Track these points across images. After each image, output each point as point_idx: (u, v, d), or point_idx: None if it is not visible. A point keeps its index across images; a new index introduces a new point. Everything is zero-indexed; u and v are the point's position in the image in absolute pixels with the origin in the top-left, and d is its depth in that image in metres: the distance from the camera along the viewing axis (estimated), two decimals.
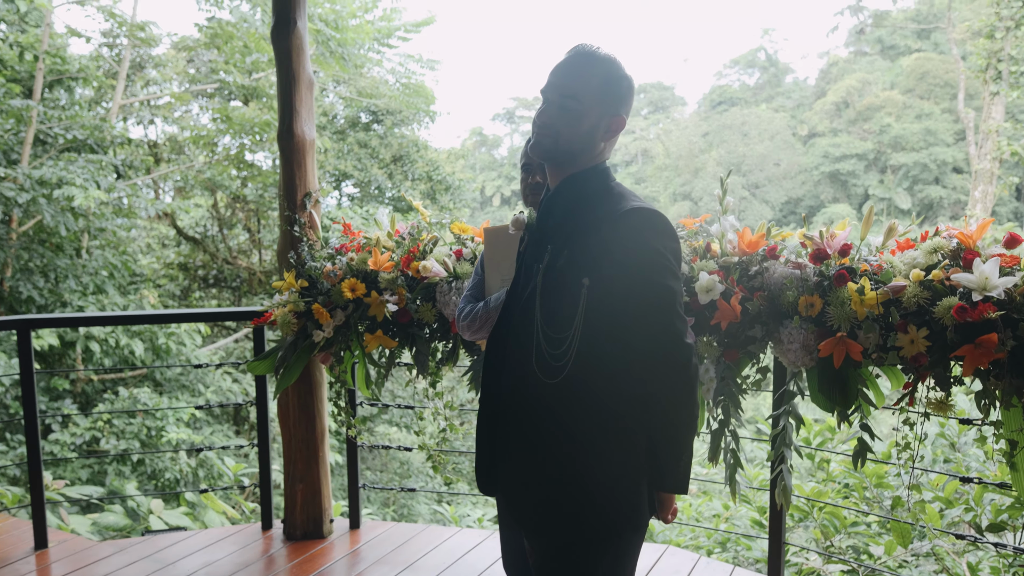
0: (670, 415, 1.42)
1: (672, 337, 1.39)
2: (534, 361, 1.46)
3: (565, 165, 1.53)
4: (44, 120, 8.04)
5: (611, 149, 1.59)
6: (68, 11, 10.41)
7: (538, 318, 1.47)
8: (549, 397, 1.45)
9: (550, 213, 1.55)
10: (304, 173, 2.98)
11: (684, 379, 1.41)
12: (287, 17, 2.89)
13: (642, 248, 1.40)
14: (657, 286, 1.39)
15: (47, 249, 8.00)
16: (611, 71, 1.51)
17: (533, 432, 1.48)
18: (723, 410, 2.36)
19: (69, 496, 4.02)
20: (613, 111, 1.51)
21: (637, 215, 1.41)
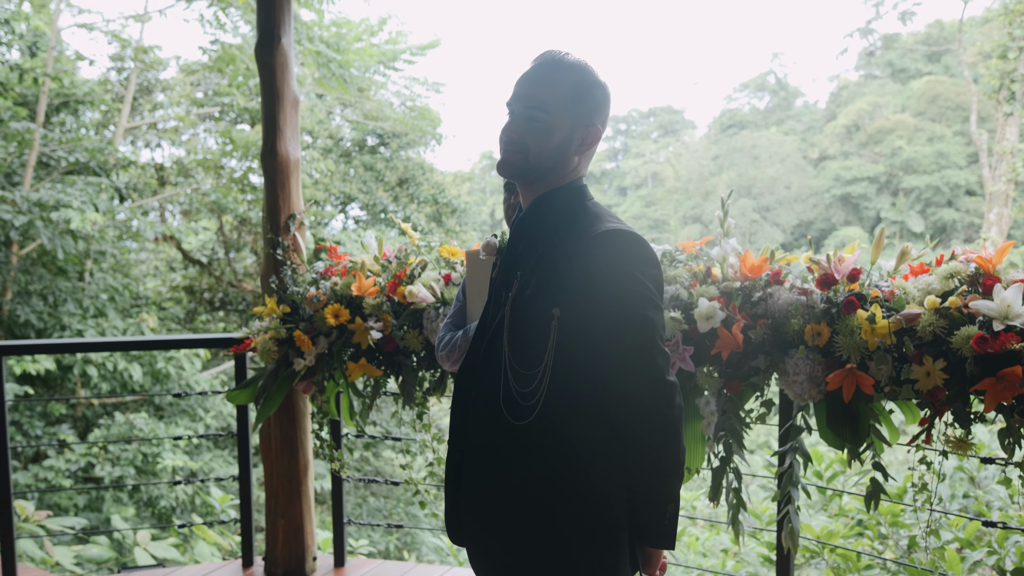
0: (653, 462, 1.27)
1: (652, 374, 1.24)
2: (501, 400, 1.31)
3: (536, 183, 1.39)
4: (47, 143, 8.01)
5: (587, 163, 1.45)
6: (73, 34, 10.44)
7: (506, 352, 1.32)
8: (517, 440, 1.30)
9: (521, 236, 1.41)
10: (288, 194, 2.86)
11: (667, 422, 1.26)
12: (271, 33, 2.80)
13: (617, 275, 1.26)
14: (634, 317, 1.25)
15: (49, 272, 7.94)
16: (582, 78, 1.37)
17: (499, 480, 1.33)
18: (724, 446, 2.20)
19: (50, 528, 3.88)
20: (587, 121, 1.38)
21: (611, 238, 1.27)
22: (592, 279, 1.26)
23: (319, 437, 2.75)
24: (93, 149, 8.04)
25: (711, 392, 2.25)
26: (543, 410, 1.28)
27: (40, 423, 7.28)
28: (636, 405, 1.25)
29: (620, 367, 1.25)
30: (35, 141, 7.66)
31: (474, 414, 1.37)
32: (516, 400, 1.30)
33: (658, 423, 1.26)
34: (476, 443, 1.37)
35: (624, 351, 1.25)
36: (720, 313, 2.18)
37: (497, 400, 1.32)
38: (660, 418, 1.25)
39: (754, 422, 2.23)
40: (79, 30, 10.37)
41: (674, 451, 1.27)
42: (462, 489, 1.39)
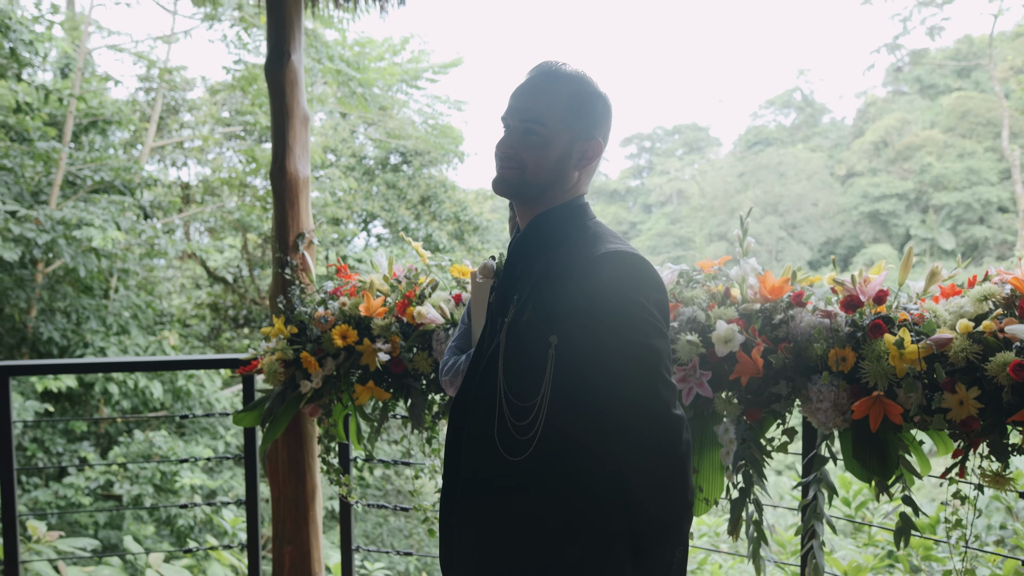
0: (659, 504, 1.17)
1: (657, 408, 1.15)
2: (496, 433, 1.22)
3: (534, 201, 1.31)
4: (73, 162, 8.10)
5: (588, 179, 1.37)
6: (101, 55, 10.65)
7: (501, 382, 1.23)
8: (511, 477, 1.21)
9: (518, 257, 1.33)
10: (297, 213, 2.81)
11: (674, 460, 1.16)
12: (281, 50, 2.76)
13: (618, 300, 1.17)
14: (637, 346, 1.16)
15: (75, 290, 8.01)
16: (580, 89, 1.30)
17: (492, 519, 1.24)
18: (744, 477, 2.09)
19: (61, 549, 3.84)
20: (586, 135, 1.30)
21: (611, 260, 1.18)
22: (591, 304, 1.17)
23: (326, 462, 2.68)
24: (118, 168, 8.13)
25: (730, 419, 2.15)
26: (540, 445, 1.19)
27: (62, 440, 7.30)
28: (640, 442, 1.16)
29: (622, 400, 1.16)
30: (61, 160, 7.75)
31: (468, 446, 1.29)
32: (511, 434, 1.21)
33: (664, 461, 1.16)
34: (469, 478, 1.28)
35: (626, 383, 1.16)
36: (739, 336, 2.08)
37: (492, 433, 1.24)
38: (666, 456, 1.16)
39: (775, 451, 2.12)
40: (108, 51, 10.54)
41: (682, 491, 1.18)
42: (454, 525, 1.30)
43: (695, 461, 2.21)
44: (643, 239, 37.98)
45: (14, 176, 7.27)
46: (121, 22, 18.36)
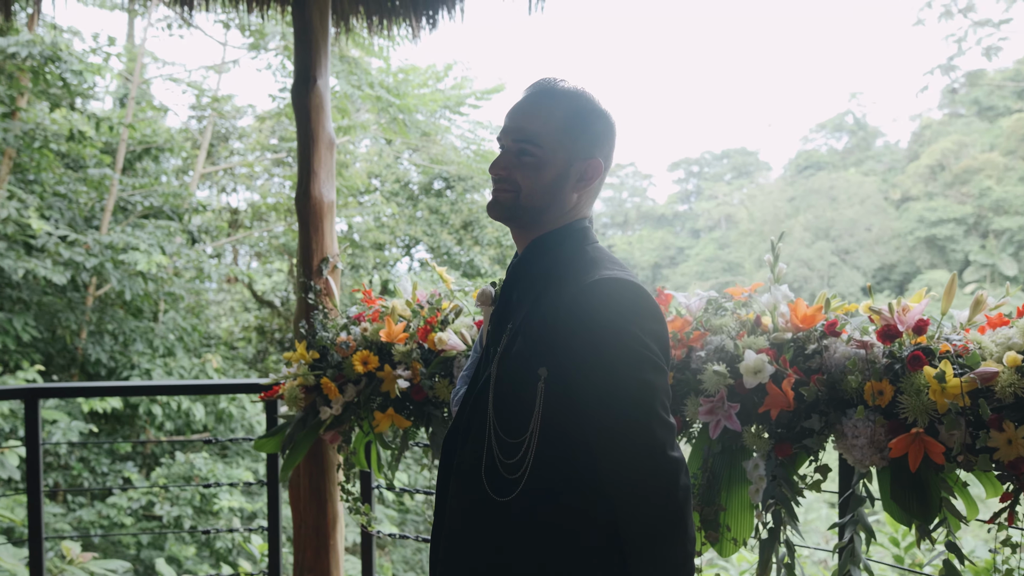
0: (653, 555, 1.07)
1: (651, 449, 1.06)
2: (483, 471, 1.15)
3: (530, 225, 1.24)
4: (125, 188, 8.33)
5: (589, 201, 1.29)
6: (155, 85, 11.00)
7: (491, 416, 1.16)
8: (497, 519, 1.13)
9: (514, 284, 1.25)
10: (321, 237, 2.80)
11: (669, 506, 1.07)
12: (307, 75, 2.77)
13: (610, 331, 1.08)
14: (630, 381, 1.07)
15: (124, 313, 8.20)
16: (577, 106, 1.23)
17: (476, 565, 1.16)
18: (774, 516, 1.97)
19: (94, 571, 3.86)
20: (585, 154, 1.23)
21: (604, 287, 1.10)
22: (581, 335, 1.09)
23: (344, 490, 2.63)
24: (167, 194, 8.32)
25: (760, 454, 2.04)
26: (527, 486, 1.11)
27: (107, 460, 7.43)
28: (632, 486, 1.07)
29: (614, 440, 1.07)
30: (113, 187, 7.97)
31: (455, 483, 1.22)
32: (500, 472, 1.14)
33: (659, 508, 1.07)
34: (453, 523, 1.20)
35: (618, 421, 1.07)
36: (769, 367, 1.98)
37: (479, 470, 1.16)
38: (662, 501, 1.07)
39: (808, 489, 2.00)
40: (162, 81, 10.89)
41: (679, 541, 1.08)
42: (440, 561, 1.22)
43: (723, 498, 2.10)
44: (691, 264, 37.56)
45: (68, 202, 7.49)
46: (175, 53, 19.13)
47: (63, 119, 7.19)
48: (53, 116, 7.49)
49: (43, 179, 7.59)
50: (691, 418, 2.13)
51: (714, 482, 2.11)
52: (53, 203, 7.46)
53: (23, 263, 6.39)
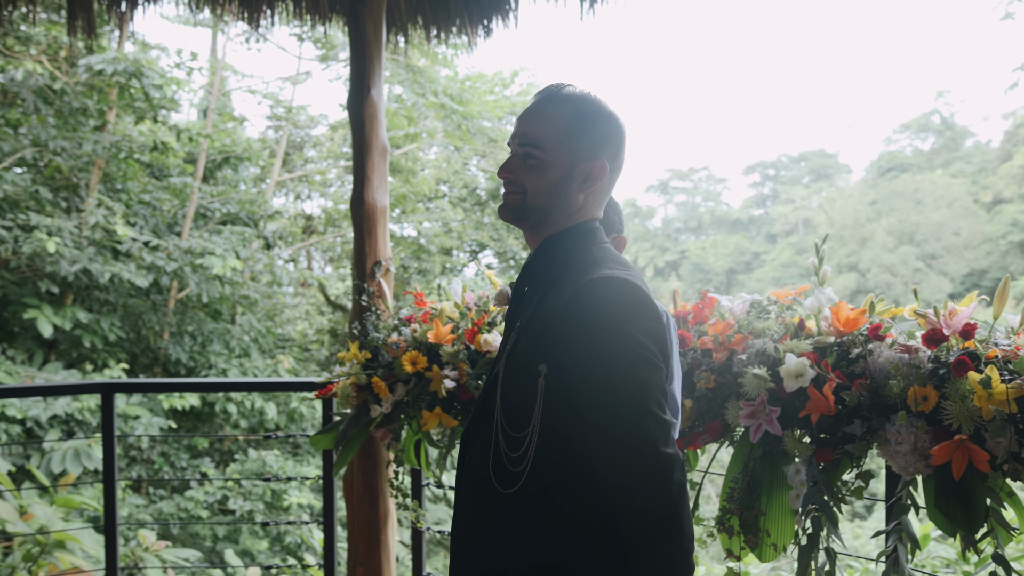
0: (651, 549, 1.08)
1: (643, 445, 1.07)
2: (491, 464, 1.19)
3: (538, 226, 1.28)
4: (204, 196, 8.73)
5: (598, 201, 1.31)
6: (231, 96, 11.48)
7: (498, 411, 1.20)
8: (503, 510, 1.17)
9: (524, 284, 1.30)
10: (374, 241, 2.90)
11: (663, 501, 1.08)
12: (362, 85, 2.87)
13: (604, 329, 1.11)
14: (623, 378, 1.09)
15: (204, 315, 8.58)
16: (581, 109, 1.26)
17: (483, 553, 1.20)
18: (813, 522, 1.94)
19: (165, 558, 4.07)
20: (589, 155, 1.26)
21: (600, 286, 1.13)
22: (577, 333, 1.12)
23: (393, 486, 2.70)
24: (244, 201, 8.67)
25: (801, 459, 2.01)
26: (529, 479, 1.14)
27: (186, 456, 7.78)
28: (625, 482, 1.08)
29: (607, 435, 1.09)
30: (193, 195, 8.36)
31: (466, 474, 1.26)
32: (505, 464, 1.18)
33: (653, 502, 1.08)
34: (462, 510, 1.25)
35: (611, 417, 1.09)
36: (810, 371, 1.95)
37: (487, 463, 1.20)
38: (655, 496, 1.08)
39: (850, 495, 1.96)
40: (241, 92, 11.35)
41: (675, 537, 1.09)
42: (454, 559, 1.27)
43: (763, 503, 2.08)
44: (767, 270, 36.68)
45: (152, 209, 7.90)
46: (255, 65, 19.88)
47: (148, 131, 7.60)
48: (140, 128, 7.92)
49: (129, 188, 8.03)
50: (732, 422, 2.12)
51: (754, 486, 2.10)
52: (138, 210, 7.88)
53: (109, 267, 6.77)
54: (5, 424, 5.66)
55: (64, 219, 7.03)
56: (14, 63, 6.79)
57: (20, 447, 5.82)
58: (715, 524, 2.13)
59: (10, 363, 6.42)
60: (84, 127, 7.38)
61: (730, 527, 2.09)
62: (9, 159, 7.25)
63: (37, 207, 7.23)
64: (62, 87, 6.94)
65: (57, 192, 7.68)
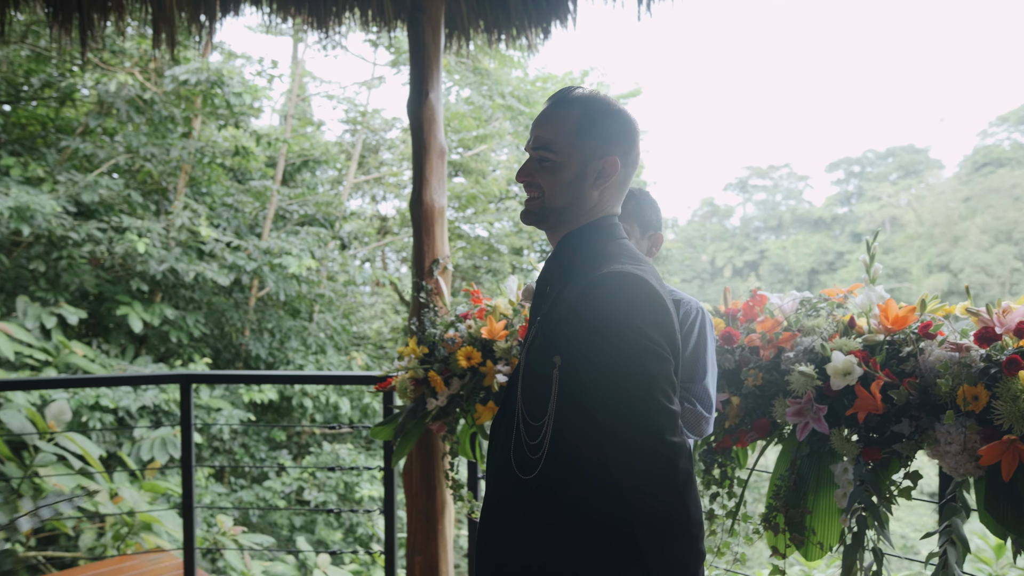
0: (658, 535, 1.12)
1: (649, 434, 1.11)
2: (512, 452, 1.25)
3: (557, 225, 1.33)
4: (284, 198, 9.08)
5: (614, 197, 1.35)
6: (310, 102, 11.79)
7: (519, 401, 1.26)
8: (523, 497, 1.22)
9: (546, 279, 1.35)
10: (432, 240, 2.99)
11: (669, 489, 1.11)
12: (420, 89, 2.97)
13: (612, 322, 1.15)
14: (629, 370, 1.13)
15: (283, 313, 8.93)
16: (589, 109, 1.31)
17: (503, 538, 1.25)
18: (858, 521, 1.92)
19: (241, 543, 4.28)
20: (600, 152, 1.30)
21: (609, 280, 1.17)
22: (586, 326, 1.17)
23: (448, 477, 2.79)
24: (320, 203, 8.96)
25: (849, 458, 1.99)
26: (545, 466, 1.20)
27: (264, 447, 8.10)
28: (632, 470, 1.12)
29: (615, 424, 1.13)
30: (273, 197, 8.70)
31: (492, 464, 1.32)
32: (525, 452, 1.23)
33: (658, 490, 1.11)
34: (489, 496, 1.31)
35: (618, 407, 1.13)
36: (857, 369, 1.94)
37: (509, 450, 1.26)
38: (660, 484, 1.11)
39: (898, 495, 1.93)
40: (319, 98, 11.73)
41: (681, 523, 1.12)
42: (478, 544, 1.33)
43: (809, 501, 2.06)
44: (850, 270, 35.45)
45: (234, 212, 8.26)
46: (333, 72, 20.38)
47: (230, 137, 7.97)
48: (223, 134, 8.30)
49: (213, 191, 8.42)
50: (779, 419, 2.11)
51: (801, 485, 2.08)
52: (221, 212, 8.26)
53: (194, 266, 7.13)
54: (100, 413, 6.04)
55: (153, 221, 7.44)
56: (109, 75, 7.23)
57: (113, 435, 6.20)
58: (761, 521, 2.13)
59: (104, 356, 6.84)
60: (172, 134, 7.80)
61: (775, 525, 2.09)
62: (105, 164, 7.72)
63: (129, 210, 7.67)
64: (151, 97, 7.35)
65: (147, 196, 8.13)
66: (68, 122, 8.22)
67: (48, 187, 7.08)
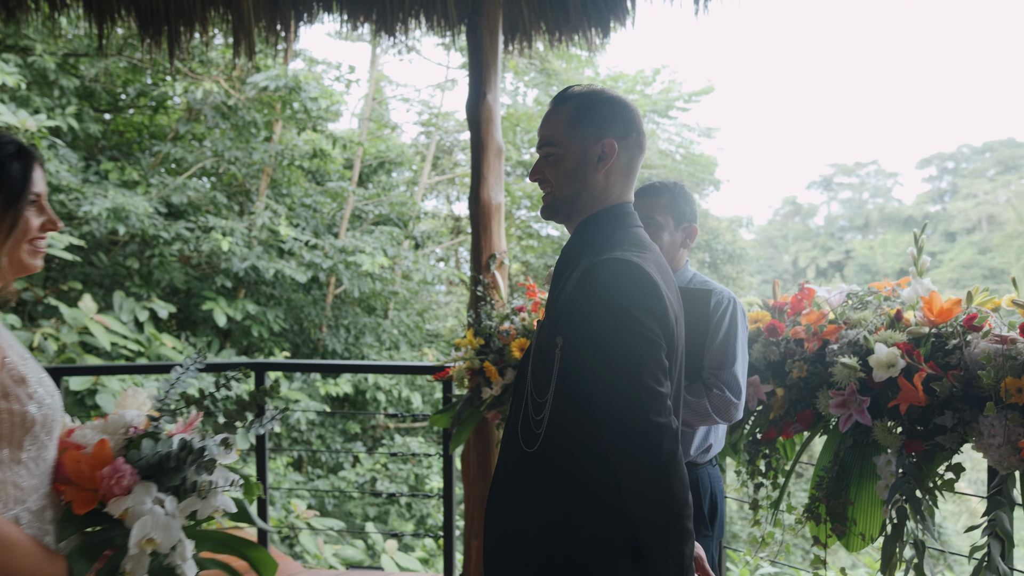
0: (645, 511, 1.18)
1: (635, 414, 1.17)
2: (519, 425, 1.34)
3: (571, 215, 1.41)
4: (360, 199, 9.39)
5: (622, 182, 1.41)
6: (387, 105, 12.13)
7: (528, 378, 1.35)
8: (526, 468, 1.31)
9: (560, 266, 1.43)
10: (490, 236, 3.10)
11: (653, 467, 1.17)
12: (478, 91, 3.08)
13: (605, 306, 1.21)
14: (618, 352, 1.19)
15: (360, 310, 9.25)
16: (582, 101, 1.39)
17: (508, 508, 1.34)
18: (898, 512, 1.92)
19: (315, 526, 4.49)
20: (596, 137, 1.37)
21: (605, 267, 1.24)
22: (582, 309, 1.24)
23: None
24: (395, 203, 9.23)
25: (893, 450, 2.00)
26: (544, 439, 1.27)
27: (340, 439, 8.41)
28: (620, 447, 1.19)
29: (605, 403, 1.20)
30: (349, 198, 9.01)
31: (504, 437, 1.41)
32: (530, 426, 1.31)
33: (642, 465, 1.17)
34: (498, 467, 1.41)
35: (608, 386, 1.20)
36: (901, 361, 1.94)
37: (517, 424, 1.34)
38: (644, 460, 1.17)
39: (941, 488, 1.92)
40: (395, 100, 12.05)
41: (664, 501, 1.17)
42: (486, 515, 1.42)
43: (852, 492, 2.07)
44: (943, 271, 33.92)
45: (312, 212, 8.60)
46: (409, 75, 20.75)
47: (309, 140, 8.31)
48: (304, 136, 8.66)
49: (292, 192, 8.79)
50: (823, 411, 2.13)
51: (844, 476, 2.09)
52: (300, 212, 8.61)
53: (274, 264, 7.48)
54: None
55: (237, 221, 7.83)
56: (196, 84, 7.66)
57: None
58: (803, 512, 2.15)
59: (191, 348, 7.25)
60: (255, 138, 8.19)
61: (817, 515, 2.10)
62: (194, 168, 8.17)
63: (215, 210, 8.09)
64: (235, 103, 7.75)
65: (232, 197, 8.55)
66: (161, 128, 8.73)
67: (142, 189, 7.55)
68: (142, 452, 1.32)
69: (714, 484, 2.05)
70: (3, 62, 6.32)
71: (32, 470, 1.28)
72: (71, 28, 4.74)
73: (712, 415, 1.92)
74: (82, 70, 7.76)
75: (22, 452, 1.26)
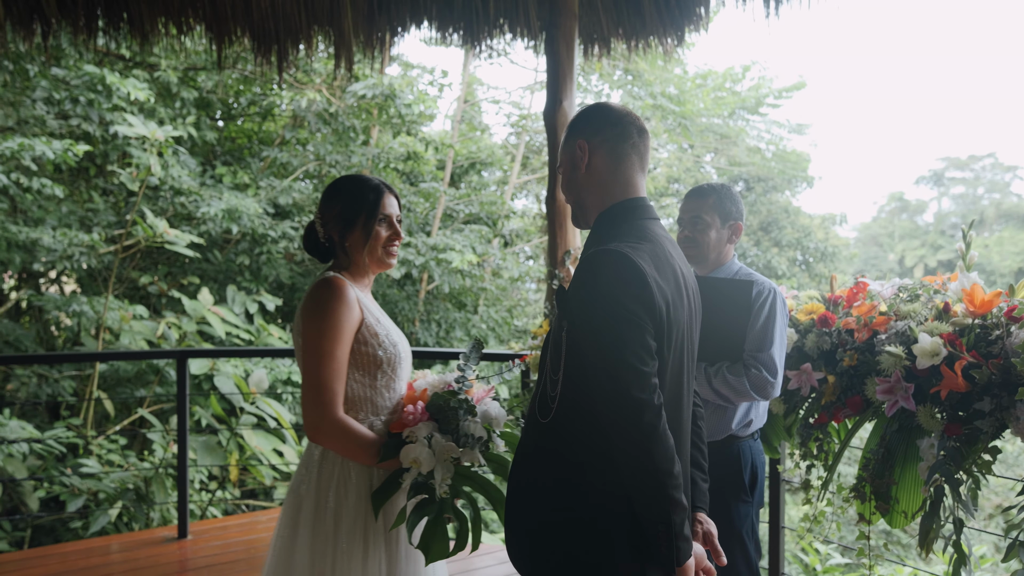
0: (633, 480, 1.36)
1: (616, 389, 1.33)
2: (538, 398, 1.53)
3: (587, 217, 1.59)
4: (452, 199, 9.78)
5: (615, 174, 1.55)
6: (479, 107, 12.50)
7: (548, 357, 1.54)
8: (540, 437, 1.50)
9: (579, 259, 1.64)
10: (564, 233, 3.33)
11: (635, 440, 1.33)
12: (555, 97, 3.32)
13: (593, 294, 1.38)
14: (603, 334, 1.36)
15: (451, 305, 9.64)
16: (577, 116, 1.61)
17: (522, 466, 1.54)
18: (936, 491, 2.04)
19: None
20: (572, 144, 1.58)
21: (596, 258, 1.41)
22: (575, 296, 1.41)
23: None
24: (485, 203, 9.57)
25: (936, 434, 2.11)
26: (557, 412, 1.45)
27: None
28: (606, 416, 1.35)
29: (595, 380, 1.37)
30: (441, 198, 9.42)
31: (527, 411, 1.60)
32: (547, 400, 1.49)
33: (626, 440, 1.33)
34: (521, 436, 1.60)
35: (597, 365, 1.36)
36: (944, 350, 2.06)
37: (536, 400, 1.53)
38: (626, 431, 1.32)
39: (981, 470, 2.03)
40: (487, 103, 12.42)
41: (647, 471, 1.32)
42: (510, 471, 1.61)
43: (896, 473, 2.19)
44: None
45: (406, 212, 9.05)
46: (500, 78, 21.10)
47: (404, 143, 8.76)
48: (400, 139, 9.11)
49: None
50: (871, 396, 2.26)
51: (889, 457, 2.22)
52: None
53: None
54: (291, 387, 6.92)
55: None
56: (301, 93, 8.22)
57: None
58: (850, 491, 2.28)
59: None
60: (353, 143, 8.69)
61: (863, 493, 2.23)
62: (299, 171, 8.74)
63: None
64: (336, 110, 8.26)
65: None
66: (268, 135, 9.37)
67: (252, 192, 8.15)
68: (437, 400, 1.82)
69: (755, 456, 2.22)
70: (135, 79, 6.99)
71: (384, 395, 1.87)
72: (193, 46, 5.27)
73: (751, 392, 2.10)
74: (200, 82, 8.45)
75: (377, 381, 1.85)
